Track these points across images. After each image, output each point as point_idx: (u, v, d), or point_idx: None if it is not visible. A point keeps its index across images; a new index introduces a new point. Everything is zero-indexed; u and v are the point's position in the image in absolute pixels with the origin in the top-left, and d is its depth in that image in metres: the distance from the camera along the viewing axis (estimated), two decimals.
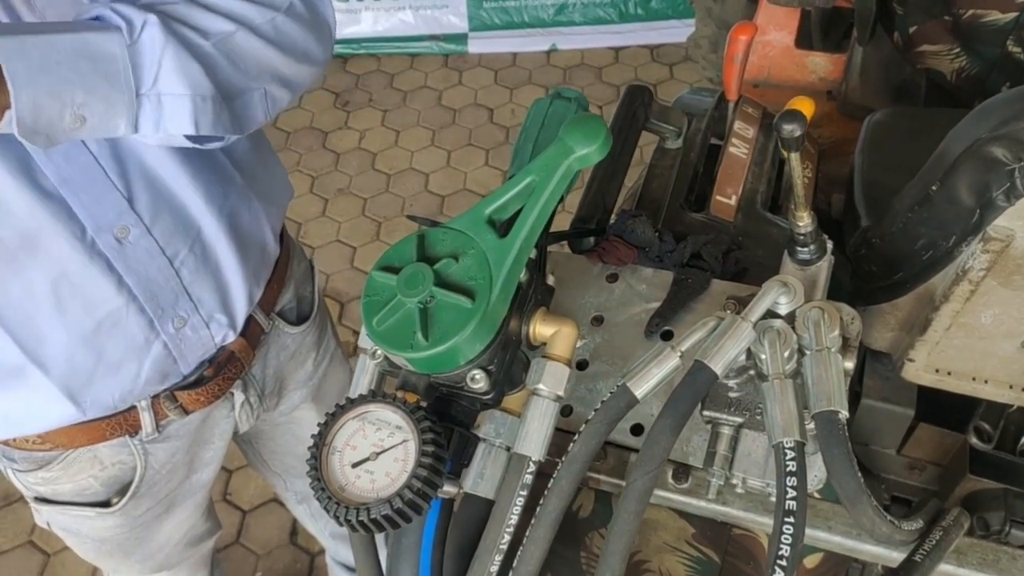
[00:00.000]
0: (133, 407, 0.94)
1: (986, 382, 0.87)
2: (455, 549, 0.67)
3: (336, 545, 1.60)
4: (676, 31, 3.23)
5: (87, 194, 0.79)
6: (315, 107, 3.23)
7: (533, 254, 0.66)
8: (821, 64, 1.72)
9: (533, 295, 0.67)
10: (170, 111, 0.71)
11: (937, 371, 0.88)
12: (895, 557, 0.70)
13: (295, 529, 2.02)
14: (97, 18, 0.70)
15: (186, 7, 0.74)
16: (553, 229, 0.84)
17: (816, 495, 0.77)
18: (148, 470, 1.02)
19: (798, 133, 0.61)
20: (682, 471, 0.74)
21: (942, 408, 0.99)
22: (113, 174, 0.81)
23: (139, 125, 0.71)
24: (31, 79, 0.62)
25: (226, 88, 0.75)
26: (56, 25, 0.68)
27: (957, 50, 1.38)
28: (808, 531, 0.73)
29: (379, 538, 0.71)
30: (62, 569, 1.95)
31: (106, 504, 1.03)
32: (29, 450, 0.95)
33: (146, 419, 0.96)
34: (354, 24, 3.37)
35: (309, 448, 0.60)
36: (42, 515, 1.07)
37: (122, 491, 1.03)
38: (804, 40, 1.73)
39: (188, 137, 0.75)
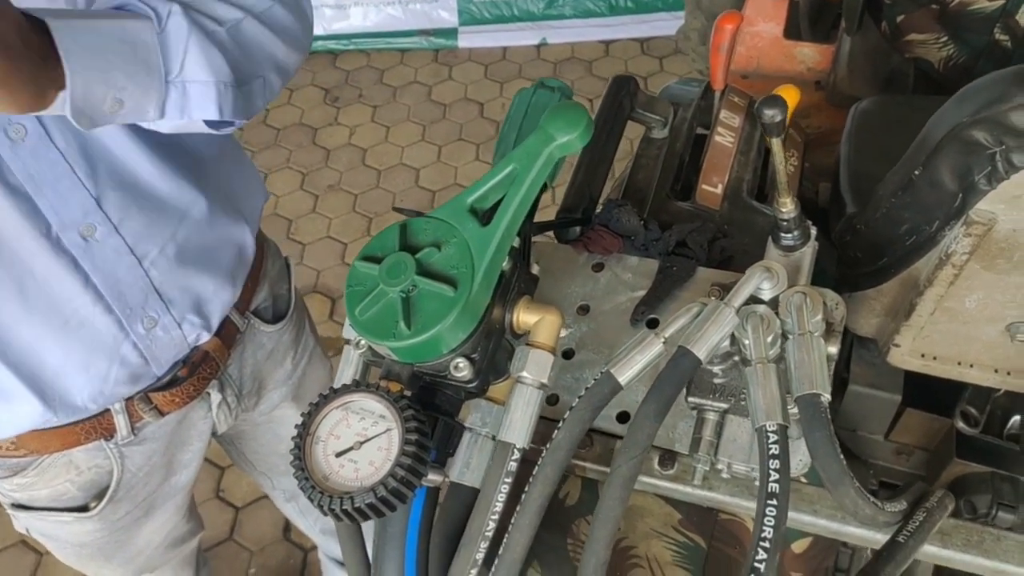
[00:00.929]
0: (107, 410, 0.94)
1: (971, 366, 0.87)
2: (442, 538, 0.67)
3: (327, 541, 1.60)
4: (666, 24, 3.23)
5: (53, 191, 0.79)
6: (305, 103, 3.22)
7: (516, 243, 0.66)
8: (809, 54, 1.72)
9: (516, 283, 0.67)
10: (195, 98, 0.74)
11: (923, 356, 0.88)
12: (880, 539, 0.71)
13: (288, 525, 2.02)
14: (122, 7, 0.71)
15: None
16: (539, 219, 0.85)
17: (803, 480, 0.78)
18: (125, 474, 1.01)
19: (779, 118, 0.61)
20: (668, 457, 0.75)
21: (929, 393, 0.99)
22: (81, 172, 0.80)
23: (166, 110, 0.73)
24: (83, 62, 0.65)
25: (238, 75, 0.78)
26: (94, 12, 0.70)
27: (944, 39, 1.38)
28: (794, 515, 0.74)
29: (366, 529, 0.71)
30: (55, 569, 1.94)
31: (84, 509, 1.02)
32: (3, 456, 0.94)
33: (120, 422, 0.95)
34: (343, 19, 3.36)
35: (293, 438, 0.60)
36: (20, 521, 1.06)
37: (100, 495, 1.02)
38: (793, 30, 1.73)
39: (206, 122, 0.77)
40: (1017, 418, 0.97)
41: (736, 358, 0.68)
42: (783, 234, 0.72)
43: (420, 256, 0.61)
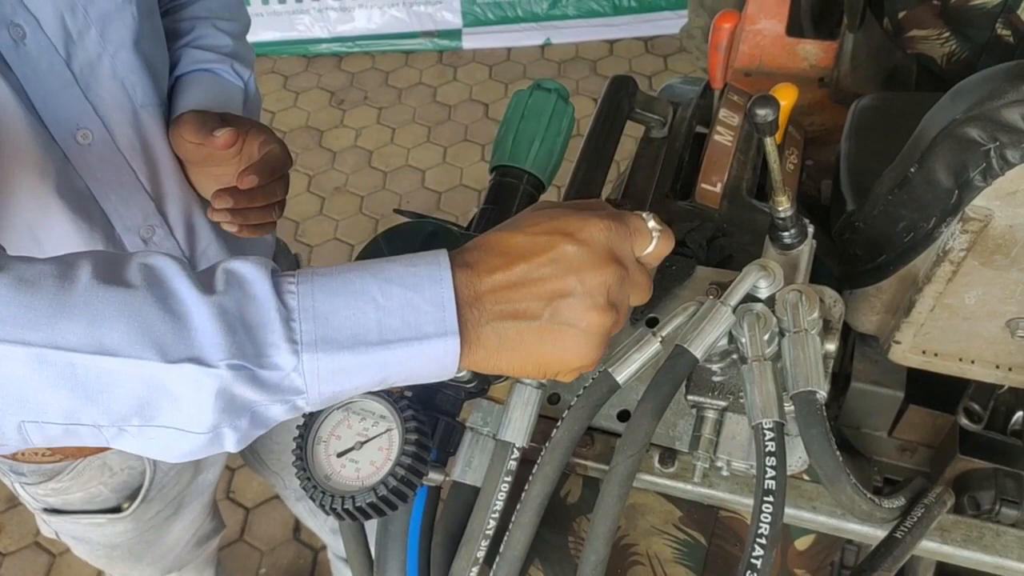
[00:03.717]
0: None
1: (973, 363, 0.87)
2: (445, 536, 0.68)
3: (336, 540, 1.61)
4: (670, 22, 3.23)
5: (117, 194, 0.81)
6: (311, 106, 3.23)
7: None
8: (812, 52, 1.72)
9: None
10: None
11: (924, 352, 0.88)
12: (880, 535, 0.71)
13: (298, 525, 2.04)
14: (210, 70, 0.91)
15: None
16: None
17: (804, 477, 0.78)
18: (157, 473, 1.03)
19: (771, 118, 0.61)
20: (668, 455, 0.75)
21: (932, 389, 0.99)
22: (143, 176, 0.82)
23: None
24: None
25: None
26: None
27: (947, 34, 1.38)
28: (792, 511, 0.74)
29: (370, 528, 0.72)
30: (68, 570, 1.97)
31: (117, 510, 1.04)
32: (38, 463, 0.95)
33: None
34: (348, 22, 3.38)
35: (294, 439, 0.61)
36: (51, 525, 1.08)
37: (132, 496, 1.04)
38: (795, 28, 1.73)
39: None
40: (1020, 414, 0.97)
41: (734, 356, 0.68)
42: (780, 232, 0.73)
43: None
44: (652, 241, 0.54)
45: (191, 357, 0.44)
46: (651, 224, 0.53)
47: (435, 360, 0.48)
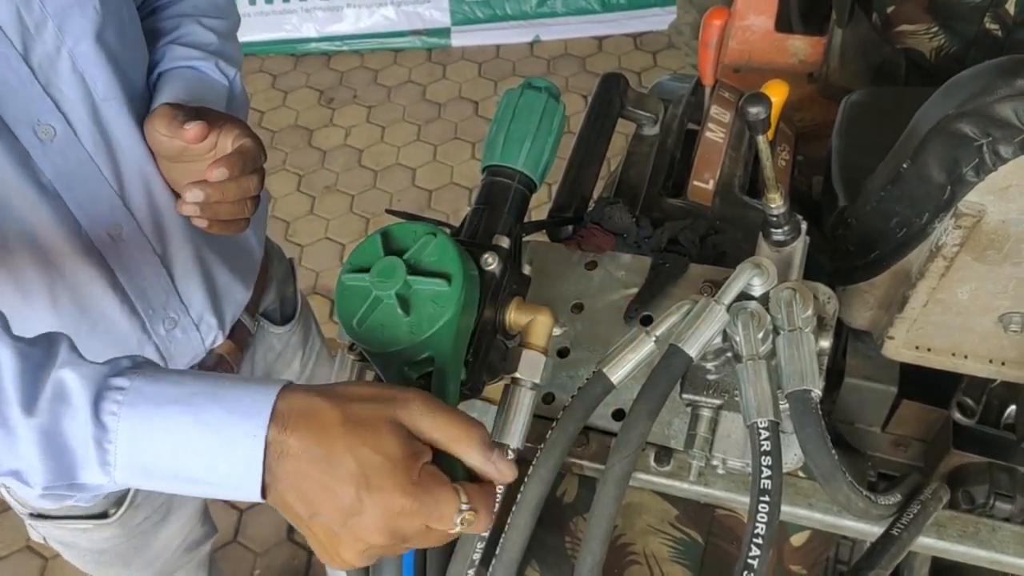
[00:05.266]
0: None
1: (966, 357, 0.87)
2: None
3: None
4: (659, 19, 3.23)
5: (83, 190, 0.79)
6: (299, 105, 3.22)
7: (506, 243, 0.67)
8: (801, 47, 1.72)
9: (507, 284, 0.67)
10: None
11: (917, 348, 0.88)
12: (876, 532, 0.71)
13: (292, 527, 2.03)
14: (194, 67, 0.91)
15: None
16: (532, 219, 0.85)
17: (799, 474, 0.78)
18: None
19: (763, 116, 0.61)
20: (664, 454, 0.75)
21: (926, 384, 0.99)
22: (107, 172, 0.81)
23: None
24: None
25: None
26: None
27: (935, 29, 1.39)
28: (789, 509, 0.74)
29: None
30: (60, 573, 1.95)
31: (104, 515, 1.03)
32: None
33: None
34: (336, 22, 3.36)
35: None
36: (38, 531, 1.07)
37: (119, 502, 1.02)
38: (784, 23, 1.72)
39: None
40: (1013, 408, 0.97)
41: (729, 354, 0.68)
42: (773, 229, 0.73)
43: (408, 256, 0.61)
44: (454, 528, 0.53)
45: (14, 472, 0.51)
46: (457, 521, 0.52)
47: (241, 497, 0.52)
